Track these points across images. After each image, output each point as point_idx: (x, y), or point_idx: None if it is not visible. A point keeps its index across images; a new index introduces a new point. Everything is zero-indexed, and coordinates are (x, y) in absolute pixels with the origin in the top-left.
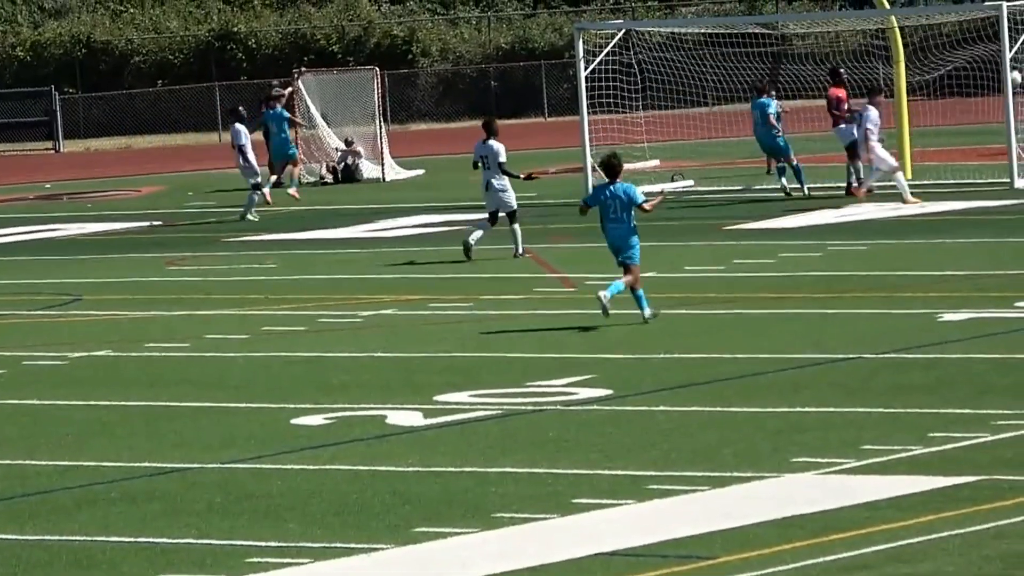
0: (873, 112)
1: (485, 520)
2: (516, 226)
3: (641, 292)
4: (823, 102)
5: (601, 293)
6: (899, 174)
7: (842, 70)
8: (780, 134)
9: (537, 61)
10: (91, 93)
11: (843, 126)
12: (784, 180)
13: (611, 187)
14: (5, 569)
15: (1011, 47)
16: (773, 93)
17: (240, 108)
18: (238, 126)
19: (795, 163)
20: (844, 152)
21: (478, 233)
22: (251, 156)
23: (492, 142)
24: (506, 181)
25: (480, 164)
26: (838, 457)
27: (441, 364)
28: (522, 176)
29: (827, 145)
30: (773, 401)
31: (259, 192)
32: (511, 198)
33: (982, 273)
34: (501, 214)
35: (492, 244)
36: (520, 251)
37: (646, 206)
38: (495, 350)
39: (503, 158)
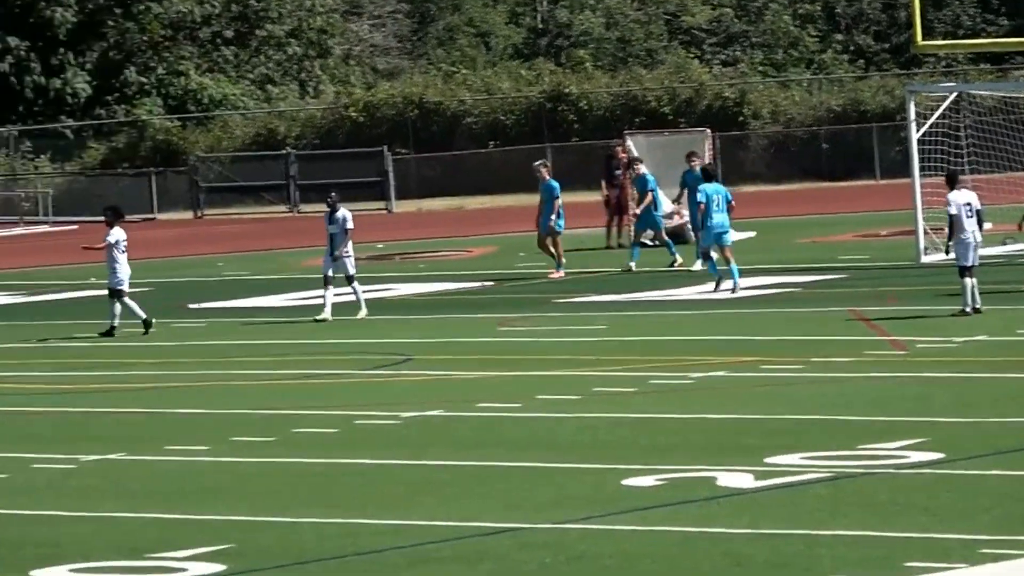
0: None
1: None
2: None
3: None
4: None
5: None
6: None
7: None
8: None
9: (868, 124)
10: (423, 153)
11: None
12: None
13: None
14: None
15: None
16: None
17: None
18: None
19: None
20: None
21: None
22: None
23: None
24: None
25: None
26: None
27: (771, 426)
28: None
29: None
30: None
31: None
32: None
33: None
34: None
35: (816, 307)
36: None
37: None
38: (826, 412)
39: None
